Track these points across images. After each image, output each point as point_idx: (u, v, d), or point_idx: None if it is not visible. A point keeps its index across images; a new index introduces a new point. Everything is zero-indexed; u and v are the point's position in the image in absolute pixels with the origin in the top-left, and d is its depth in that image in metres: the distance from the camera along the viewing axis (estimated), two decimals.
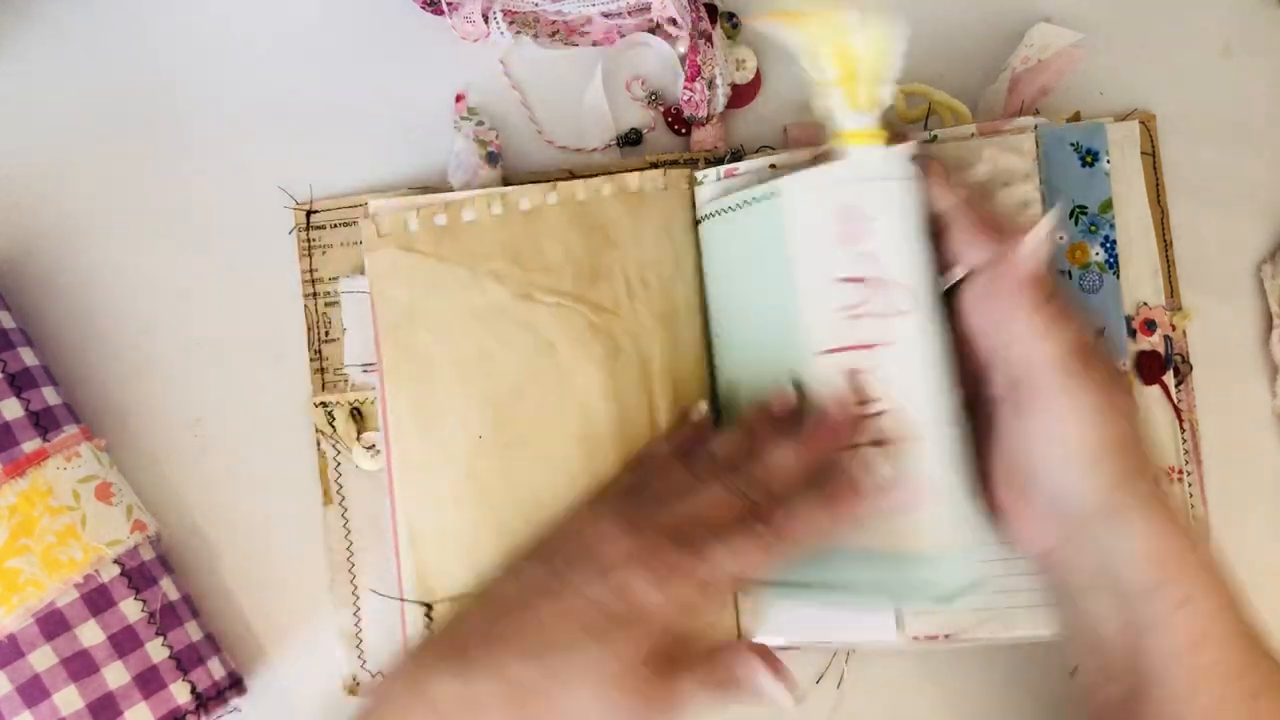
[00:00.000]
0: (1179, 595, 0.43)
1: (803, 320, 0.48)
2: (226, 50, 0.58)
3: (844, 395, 0.47)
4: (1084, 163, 0.52)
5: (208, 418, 0.55)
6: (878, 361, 0.46)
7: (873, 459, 0.46)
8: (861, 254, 0.47)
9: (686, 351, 0.53)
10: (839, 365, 0.47)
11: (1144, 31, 0.59)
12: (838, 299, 0.47)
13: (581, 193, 0.53)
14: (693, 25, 0.55)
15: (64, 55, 0.57)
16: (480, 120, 0.57)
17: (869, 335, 0.47)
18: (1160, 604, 0.43)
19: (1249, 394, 0.56)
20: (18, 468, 0.48)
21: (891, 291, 0.46)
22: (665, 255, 0.53)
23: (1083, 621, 0.45)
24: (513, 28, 0.57)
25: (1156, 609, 0.43)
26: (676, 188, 0.54)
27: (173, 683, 0.48)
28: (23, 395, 0.49)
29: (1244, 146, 0.58)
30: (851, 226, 0.47)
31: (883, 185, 0.46)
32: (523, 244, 0.52)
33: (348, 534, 0.54)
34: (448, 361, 0.51)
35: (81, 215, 0.56)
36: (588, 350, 0.51)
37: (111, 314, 0.56)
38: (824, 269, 0.48)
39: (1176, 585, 0.43)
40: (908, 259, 0.46)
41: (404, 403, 0.51)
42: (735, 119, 0.58)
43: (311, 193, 0.56)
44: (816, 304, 0.48)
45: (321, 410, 0.55)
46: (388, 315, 0.52)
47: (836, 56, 0.45)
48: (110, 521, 0.49)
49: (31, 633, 0.46)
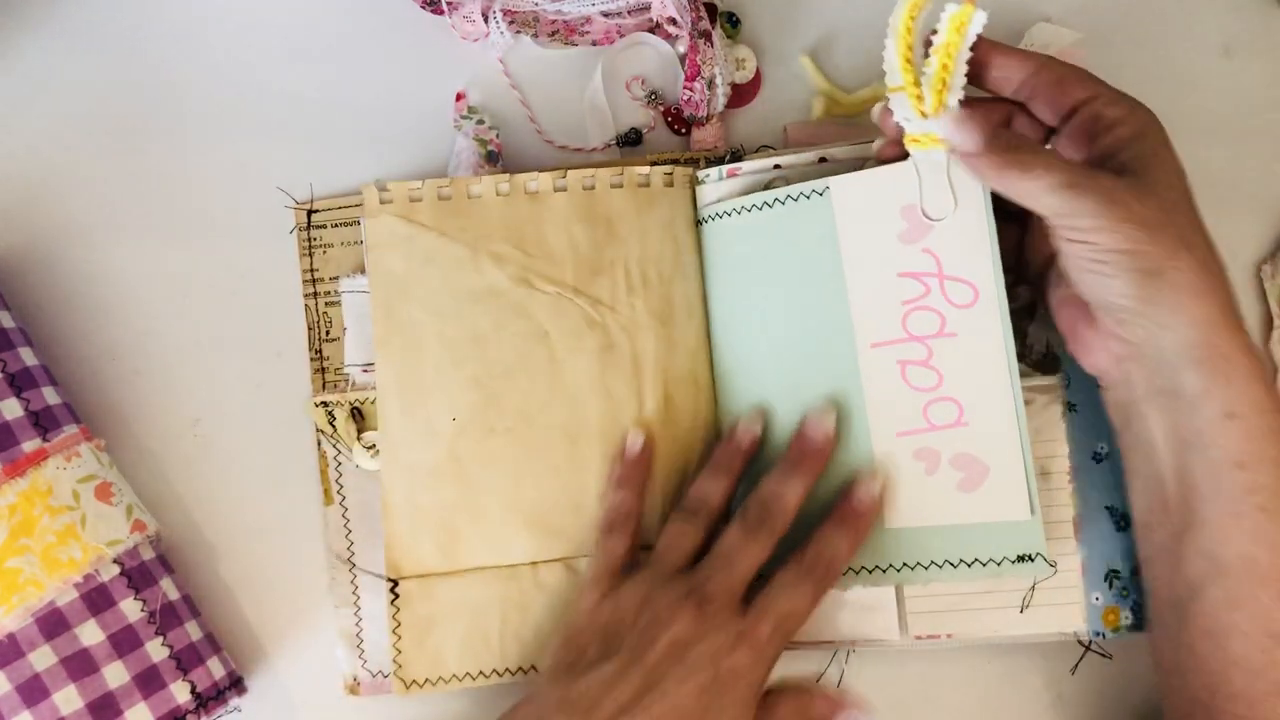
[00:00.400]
0: (1226, 407, 0.43)
1: (853, 314, 0.50)
2: (226, 50, 0.58)
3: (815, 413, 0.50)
4: None
5: (208, 418, 0.55)
6: (935, 352, 0.49)
7: (868, 477, 0.49)
8: (924, 250, 0.48)
9: (682, 350, 0.53)
10: (891, 357, 0.49)
11: (1144, 31, 0.59)
12: (896, 293, 0.49)
13: (590, 180, 0.53)
14: (693, 25, 0.55)
15: (64, 56, 0.57)
16: (480, 119, 0.57)
17: (927, 328, 0.49)
18: (1207, 413, 0.43)
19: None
20: (18, 468, 0.48)
21: (953, 286, 0.48)
22: (667, 252, 0.53)
23: (1139, 445, 0.46)
24: (512, 27, 0.57)
25: (1204, 418, 0.43)
26: (681, 185, 0.54)
27: (173, 683, 0.48)
28: (23, 395, 0.49)
29: (1244, 146, 0.58)
30: (915, 225, 0.49)
31: (947, 188, 0.48)
32: (527, 228, 0.52)
33: (348, 533, 0.54)
34: (438, 340, 0.51)
35: (81, 215, 0.56)
36: (581, 343, 0.52)
37: (111, 314, 0.56)
38: (883, 264, 0.49)
39: (1223, 395, 0.43)
40: (972, 256, 0.48)
41: (391, 375, 0.51)
42: (735, 119, 0.58)
43: (312, 192, 0.56)
44: (870, 298, 0.49)
45: (322, 410, 0.55)
46: (381, 285, 0.52)
47: (903, 63, 0.46)
48: (110, 521, 0.49)
49: (31, 632, 0.46)
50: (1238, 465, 0.43)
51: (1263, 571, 0.43)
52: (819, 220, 0.51)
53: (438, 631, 0.51)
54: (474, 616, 0.51)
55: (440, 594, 0.51)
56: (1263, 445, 0.43)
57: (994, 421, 0.48)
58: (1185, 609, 0.45)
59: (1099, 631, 0.51)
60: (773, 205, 0.51)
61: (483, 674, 0.51)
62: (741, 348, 0.53)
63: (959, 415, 0.49)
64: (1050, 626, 0.51)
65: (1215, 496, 0.44)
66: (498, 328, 0.52)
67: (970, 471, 0.49)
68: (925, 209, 0.49)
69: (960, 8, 0.44)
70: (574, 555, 0.51)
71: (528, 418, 0.51)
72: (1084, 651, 0.53)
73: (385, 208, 0.52)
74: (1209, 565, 0.44)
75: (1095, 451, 0.52)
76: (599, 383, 0.52)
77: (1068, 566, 0.51)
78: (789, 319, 0.51)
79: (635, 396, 0.52)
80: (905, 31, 0.46)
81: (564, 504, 0.51)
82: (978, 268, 0.48)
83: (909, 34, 0.46)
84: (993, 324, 0.48)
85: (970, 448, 0.49)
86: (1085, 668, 0.54)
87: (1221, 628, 0.44)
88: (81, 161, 0.56)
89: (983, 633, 0.51)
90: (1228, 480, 0.43)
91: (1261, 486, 0.43)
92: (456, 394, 0.51)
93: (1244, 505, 0.43)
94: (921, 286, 0.49)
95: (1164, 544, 0.46)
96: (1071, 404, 0.52)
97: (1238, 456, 0.43)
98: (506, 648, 0.51)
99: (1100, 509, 0.51)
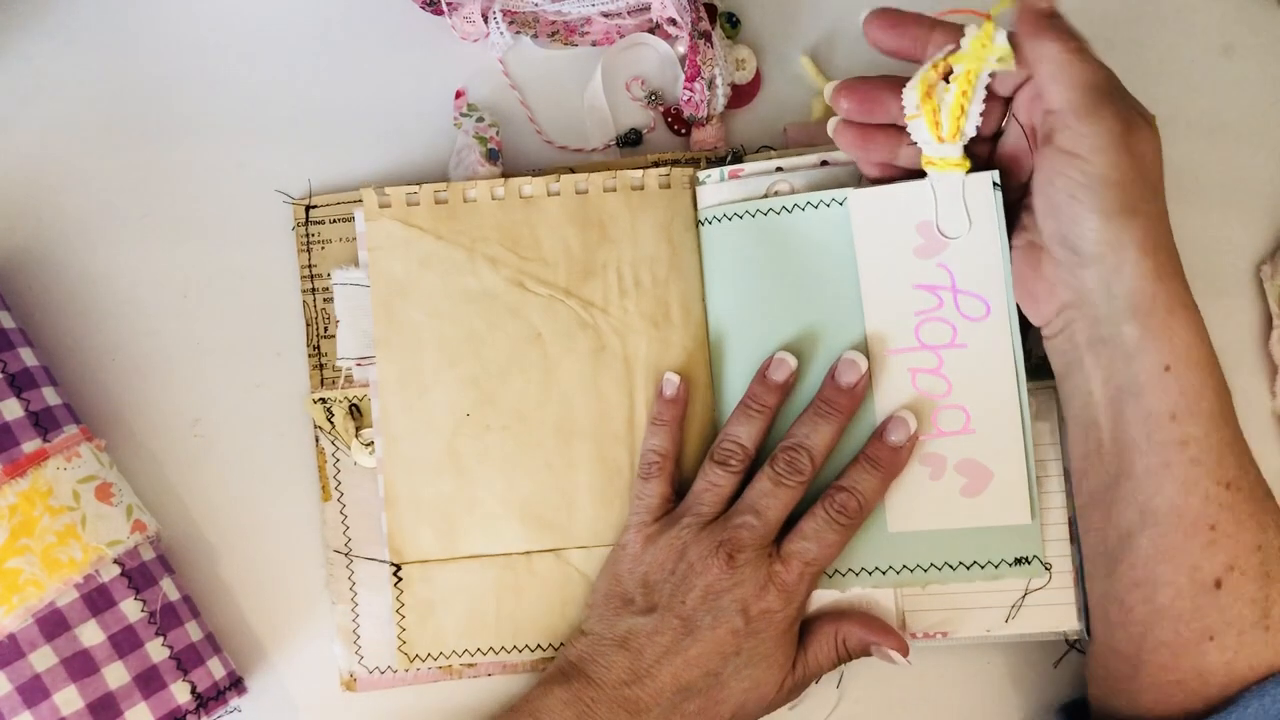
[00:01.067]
0: (1162, 360, 0.44)
1: (867, 322, 0.51)
2: (226, 49, 0.58)
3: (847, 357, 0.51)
4: None
5: (207, 417, 0.55)
6: (946, 361, 0.50)
7: (905, 417, 0.50)
8: (939, 265, 0.50)
9: (678, 351, 0.53)
10: (904, 364, 0.51)
11: (1144, 31, 0.59)
12: (910, 304, 0.51)
13: (584, 184, 0.53)
14: (693, 25, 0.55)
15: (64, 55, 0.57)
16: (480, 116, 0.57)
17: (939, 338, 0.50)
18: (1144, 365, 0.44)
19: (1248, 394, 0.56)
20: (18, 468, 0.48)
21: (966, 300, 0.50)
22: (661, 254, 0.53)
23: (1077, 394, 0.48)
24: (512, 28, 0.57)
25: (1140, 369, 0.45)
26: (678, 186, 0.54)
27: (173, 683, 0.49)
28: (23, 395, 0.49)
29: (1244, 146, 0.58)
30: (931, 240, 0.50)
31: (962, 211, 0.49)
32: (521, 231, 0.53)
33: (346, 529, 0.54)
34: (436, 340, 0.53)
35: (81, 215, 0.56)
36: (573, 344, 0.53)
37: (111, 314, 0.56)
38: (899, 276, 0.51)
39: (1160, 348, 0.44)
40: (986, 273, 0.50)
41: (392, 372, 0.53)
42: (735, 119, 0.58)
43: (310, 188, 0.56)
44: (885, 307, 0.51)
45: (320, 406, 0.55)
46: (381, 287, 0.53)
47: (924, 88, 0.47)
48: (110, 521, 0.49)
49: (32, 633, 0.46)
50: (1171, 417, 0.44)
51: (1191, 521, 0.44)
52: (835, 229, 0.51)
53: (438, 612, 0.53)
54: (472, 599, 0.53)
55: (439, 579, 0.53)
56: (1197, 399, 0.44)
57: (1000, 429, 0.50)
58: (1115, 560, 0.46)
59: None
60: (791, 211, 0.52)
61: (480, 650, 0.53)
62: (746, 349, 0.53)
63: (966, 422, 0.50)
64: (1045, 626, 0.51)
65: (1147, 447, 0.45)
66: (493, 328, 0.53)
67: (974, 477, 0.50)
68: (941, 226, 0.50)
69: (980, 31, 0.45)
70: (564, 546, 0.53)
71: (522, 416, 0.53)
72: (1067, 649, 0.54)
73: (384, 211, 0.53)
74: (1138, 516, 0.45)
75: None
76: (591, 383, 0.53)
77: (1062, 568, 0.51)
78: (798, 322, 0.52)
79: (627, 397, 0.53)
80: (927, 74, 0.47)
81: (556, 498, 0.53)
82: (991, 284, 0.50)
83: (937, 68, 0.47)
84: (1003, 337, 0.50)
85: (975, 454, 0.50)
86: (1077, 666, 0.54)
87: (1150, 578, 0.45)
88: (81, 161, 0.56)
89: (977, 632, 0.52)
90: (1160, 431, 0.44)
91: (1194, 439, 0.44)
92: (454, 392, 0.53)
93: (1175, 456, 0.44)
94: (935, 299, 0.50)
95: (1096, 492, 0.47)
96: None
97: (1171, 408, 0.44)
98: (502, 628, 0.53)
99: None
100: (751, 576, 0.49)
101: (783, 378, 0.51)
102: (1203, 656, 0.45)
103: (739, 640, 0.49)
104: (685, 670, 0.48)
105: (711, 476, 0.51)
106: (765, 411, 0.51)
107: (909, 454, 0.50)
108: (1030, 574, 0.50)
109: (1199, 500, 0.44)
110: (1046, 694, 0.54)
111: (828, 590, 0.52)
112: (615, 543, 0.52)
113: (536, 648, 0.53)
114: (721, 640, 0.48)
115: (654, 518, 0.51)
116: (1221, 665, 0.44)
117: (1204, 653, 0.45)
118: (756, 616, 0.49)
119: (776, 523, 0.50)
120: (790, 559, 0.49)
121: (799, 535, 0.49)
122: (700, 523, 0.50)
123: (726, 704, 0.49)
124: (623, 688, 0.49)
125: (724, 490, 0.51)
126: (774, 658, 0.49)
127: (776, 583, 0.49)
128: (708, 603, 0.49)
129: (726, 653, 0.49)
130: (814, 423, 0.50)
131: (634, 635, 0.49)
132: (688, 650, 0.48)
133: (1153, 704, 0.46)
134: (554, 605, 0.53)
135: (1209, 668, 0.45)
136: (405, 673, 0.53)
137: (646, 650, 0.49)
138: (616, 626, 0.50)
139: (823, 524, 0.49)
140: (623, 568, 0.51)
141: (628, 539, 0.52)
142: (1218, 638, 0.44)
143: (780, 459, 0.50)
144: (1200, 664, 0.45)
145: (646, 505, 0.52)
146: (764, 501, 0.49)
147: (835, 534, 0.49)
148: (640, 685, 0.48)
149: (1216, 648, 0.44)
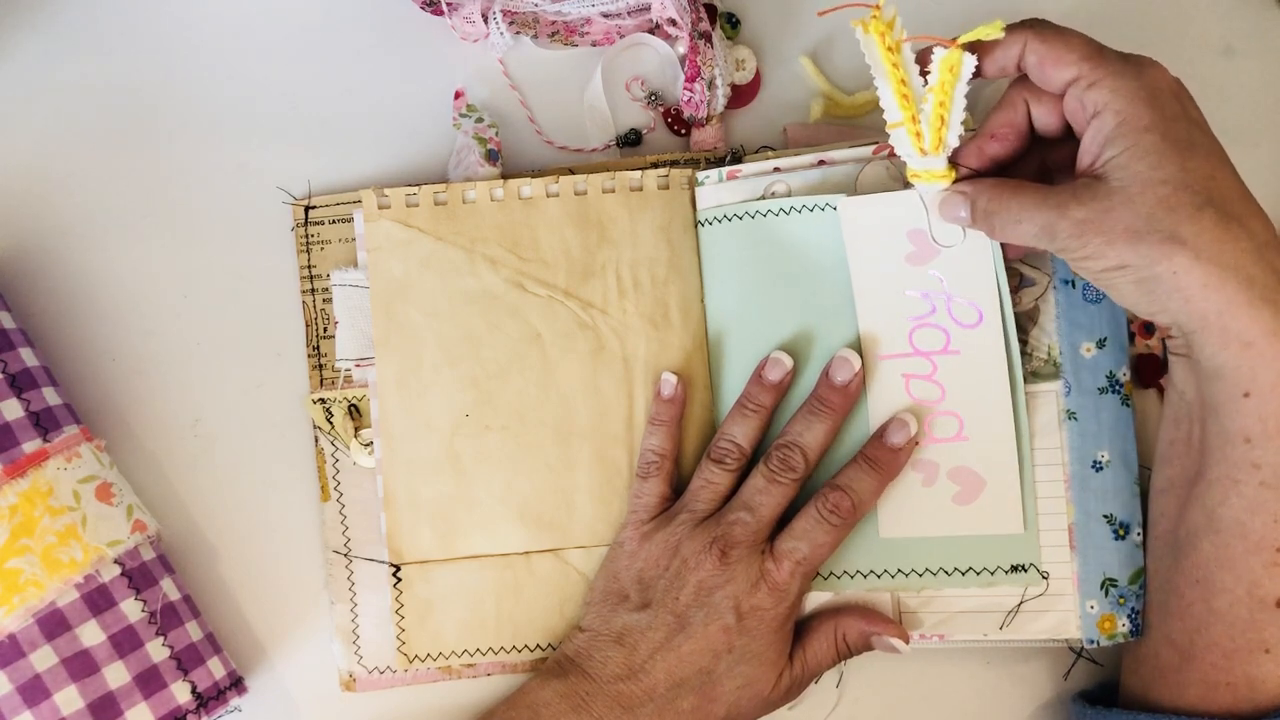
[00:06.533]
0: (1242, 386, 0.44)
1: (861, 326, 0.51)
2: (226, 50, 0.58)
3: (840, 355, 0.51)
4: None
5: (207, 417, 0.55)
6: (939, 367, 0.50)
7: (906, 419, 0.50)
8: (932, 272, 0.50)
9: (676, 352, 0.53)
10: (897, 370, 0.51)
11: (1144, 31, 0.59)
12: (904, 310, 0.50)
13: (583, 185, 0.53)
14: (693, 25, 0.55)
15: (64, 56, 0.57)
16: (480, 117, 0.57)
17: (932, 344, 0.50)
18: (1223, 388, 0.44)
19: None
20: (18, 468, 0.48)
21: (959, 306, 0.50)
22: (660, 255, 0.53)
23: (1176, 384, 0.48)
24: (512, 28, 0.57)
25: (1219, 390, 0.44)
26: (677, 187, 0.54)
27: (173, 683, 0.49)
28: (23, 395, 0.49)
29: (1244, 146, 0.58)
30: (923, 248, 0.50)
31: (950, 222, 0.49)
32: (520, 232, 0.53)
33: (345, 530, 0.54)
34: (436, 340, 0.53)
35: (81, 215, 0.56)
36: (572, 344, 0.53)
37: (111, 314, 0.56)
38: (891, 282, 0.50)
39: (1239, 376, 0.44)
40: (978, 281, 0.50)
41: (391, 373, 0.53)
42: (735, 119, 0.58)
43: (309, 189, 0.56)
44: (878, 312, 0.51)
45: (319, 407, 0.55)
46: (381, 287, 0.53)
47: (900, 100, 0.46)
48: (110, 521, 0.49)
49: (32, 633, 0.46)
50: (1245, 440, 0.44)
51: (1255, 541, 0.44)
52: (828, 233, 0.51)
53: (437, 612, 0.53)
54: (471, 600, 0.53)
55: (439, 579, 0.53)
56: (1274, 425, 0.44)
57: (993, 437, 0.50)
58: (1181, 552, 0.47)
59: (1093, 639, 0.51)
60: (787, 213, 0.52)
61: (480, 651, 0.53)
62: (744, 349, 0.53)
63: (959, 429, 0.50)
64: (1043, 633, 0.51)
65: (1221, 459, 0.45)
66: (492, 329, 0.53)
67: (967, 485, 0.50)
68: (933, 235, 0.50)
69: (949, 52, 0.44)
70: (563, 546, 0.53)
71: (521, 416, 0.53)
72: (1075, 659, 0.54)
73: (383, 212, 0.53)
74: (1205, 519, 0.45)
75: (1095, 460, 0.51)
76: (590, 384, 0.53)
77: (1062, 574, 0.51)
78: (796, 324, 0.52)
79: (626, 398, 0.53)
80: (892, 68, 0.46)
81: (555, 499, 0.53)
82: (983, 292, 0.49)
83: (898, 69, 0.45)
84: (996, 344, 0.49)
85: (968, 461, 0.50)
86: (1078, 673, 0.54)
87: (1209, 580, 0.45)
88: (81, 161, 0.56)
89: (975, 637, 0.52)
90: (1234, 451, 0.44)
91: (1266, 463, 0.44)
92: (454, 392, 0.53)
93: (1246, 476, 0.44)
94: (928, 305, 0.50)
95: (1177, 481, 0.48)
96: (1071, 412, 0.51)
97: (1246, 432, 0.44)
98: (502, 628, 0.53)
99: (1098, 517, 0.51)
100: (744, 573, 0.49)
101: (778, 378, 0.51)
102: (1256, 666, 0.45)
103: (730, 637, 0.49)
104: (678, 666, 0.49)
105: (707, 475, 0.51)
106: (761, 411, 0.51)
107: (908, 456, 0.50)
108: (1026, 581, 0.50)
109: (1264, 522, 0.44)
110: (1047, 694, 0.55)
111: (823, 592, 0.52)
112: (613, 541, 0.53)
113: (536, 648, 0.53)
114: (713, 637, 0.49)
115: (651, 516, 0.52)
116: (1275, 677, 0.44)
117: (1258, 663, 0.45)
118: (748, 613, 0.49)
119: (770, 520, 0.50)
120: (781, 557, 0.49)
121: (790, 534, 0.50)
122: (695, 520, 0.50)
123: (721, 702, 0.49)
124: (617, 682, 0.49)
125: (719, 488, 0.51)
126: (766, 656, 0.49)
127: (768, 580, 0.49)
128: (700, 599, 0.49)
129: (719, 650, 0.49)
130: (808, 421, 0.50)
131: (629, 631, 0.50)
132: (680, 646, 0.49)
133: (1198, 700, 0.46)
134: (553, 605, 0.53)
135: (1261, 677, 0.45)
136: (405, 673, 0.53)
137: (641, 646, 0.49)
138: (612, 622, 0.50)
139: (814, 523, 0.49)
140: (619, 565, 0.52)
141: (625, 536, 0.52)
142: (1273, 651, 0.44)
143: (774, 456, 0.50)
144: (1253, 672, 0.45)
145: (644, 504, 0.52)
146: (757, 499, 0.50)
147: (826, 534, 0.49)
148: (634, 680, 0.49)
149: (1272, 660, 0.44)
